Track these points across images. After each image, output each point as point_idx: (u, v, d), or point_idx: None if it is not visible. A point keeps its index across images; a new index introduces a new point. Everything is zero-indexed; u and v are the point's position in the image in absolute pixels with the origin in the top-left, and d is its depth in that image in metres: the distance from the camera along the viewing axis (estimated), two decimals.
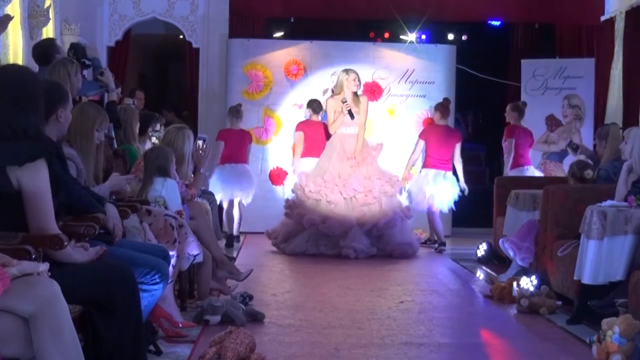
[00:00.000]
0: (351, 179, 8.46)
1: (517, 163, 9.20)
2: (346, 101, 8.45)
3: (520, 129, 9.24)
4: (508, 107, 9.38)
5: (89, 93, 5.79)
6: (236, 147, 9.07)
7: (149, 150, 5.70)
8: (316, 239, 8.38)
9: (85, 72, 5.83)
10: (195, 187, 6.02)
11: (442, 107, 9.31)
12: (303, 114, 9.50)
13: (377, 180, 8.51)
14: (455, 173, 9.20)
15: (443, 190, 9.10)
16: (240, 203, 9.18)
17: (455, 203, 9.44)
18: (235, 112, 9.18)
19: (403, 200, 9.02)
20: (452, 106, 10.12)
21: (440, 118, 9.26)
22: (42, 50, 5.98)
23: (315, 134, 9.09)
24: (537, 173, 9.00)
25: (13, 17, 6.59)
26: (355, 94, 8.62)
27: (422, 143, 9.20)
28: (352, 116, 8.46)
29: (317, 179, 8.53)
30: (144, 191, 5.26)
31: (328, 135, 8.88)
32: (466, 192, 9.15)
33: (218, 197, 8.61)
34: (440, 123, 9.27)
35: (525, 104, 9.59)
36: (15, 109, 3.02)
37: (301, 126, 9.20)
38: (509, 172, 9.12)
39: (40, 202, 2.94)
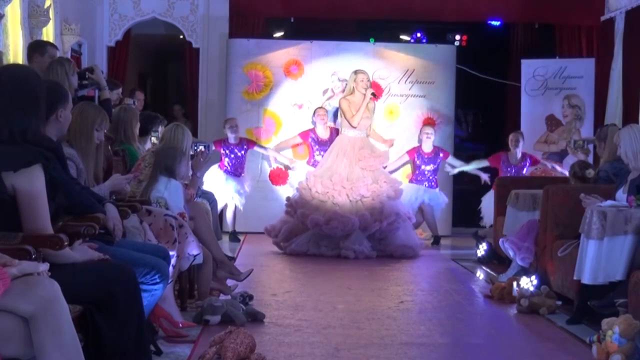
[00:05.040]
0: (359, 182, 8.48)
1: None
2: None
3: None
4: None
5: (80, 92, 5.79)
6: None
7: (159, 148, 5.71)
8: (318, 239, 8.40)
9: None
10: (192, 187, 6.04)
11: None
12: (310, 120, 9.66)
13: (384, 183, 8.56)
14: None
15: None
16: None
17: (455, 203, 9.56)
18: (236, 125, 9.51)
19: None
20: (452, 106, 10.17)
21: None
22: (28, 52, 6.03)
23: None
24: None
25: (3, 15, 6.60)
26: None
27: None
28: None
29: (326, 180, 8.53)
30: (148, 189, 5.27)
31: None
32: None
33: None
34: None
35: None
36: (17, 109, 3.02)
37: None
38: None
39: (35, 205, 2.94)
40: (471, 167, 9.55)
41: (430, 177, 9.54)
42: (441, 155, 9.58)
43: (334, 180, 8.51)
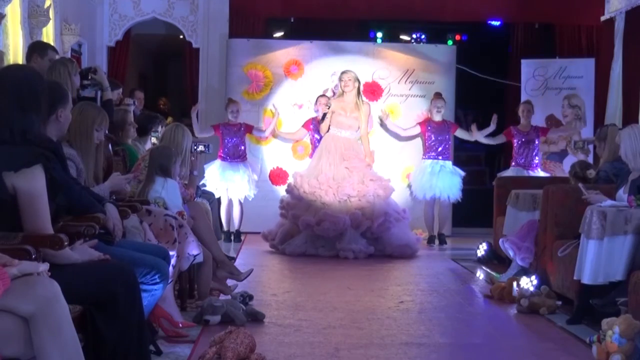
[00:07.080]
0: (345, 182, 8.49)
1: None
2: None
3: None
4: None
5: (83, 92, 5.79)
6: None
7: (154, 148, 5.72)
8: (313, 240, 8.40)
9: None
10: (192, 186, 6.05)
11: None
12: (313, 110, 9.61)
13: (370, 182, 8.55)
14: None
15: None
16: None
17: (455, 203, 9.56)
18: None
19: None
20: (452, 106, 10.17)
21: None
22: (28, 52, 6.04)
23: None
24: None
25: (4, 15, 6.60)
26: (357, 98, 8.70)
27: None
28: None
29: (312, 180, 8.55)
30: (145, 189, 5.27)
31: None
32: None
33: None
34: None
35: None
36: (18, 109, 3.02)
37: None
38: None
39: (35, 206, 2.94)
40: (481, 137, 9.60)
41: (442, 149, 9.50)
42: (450, 127, 9.59)
43: (320, 180, 8.52)
